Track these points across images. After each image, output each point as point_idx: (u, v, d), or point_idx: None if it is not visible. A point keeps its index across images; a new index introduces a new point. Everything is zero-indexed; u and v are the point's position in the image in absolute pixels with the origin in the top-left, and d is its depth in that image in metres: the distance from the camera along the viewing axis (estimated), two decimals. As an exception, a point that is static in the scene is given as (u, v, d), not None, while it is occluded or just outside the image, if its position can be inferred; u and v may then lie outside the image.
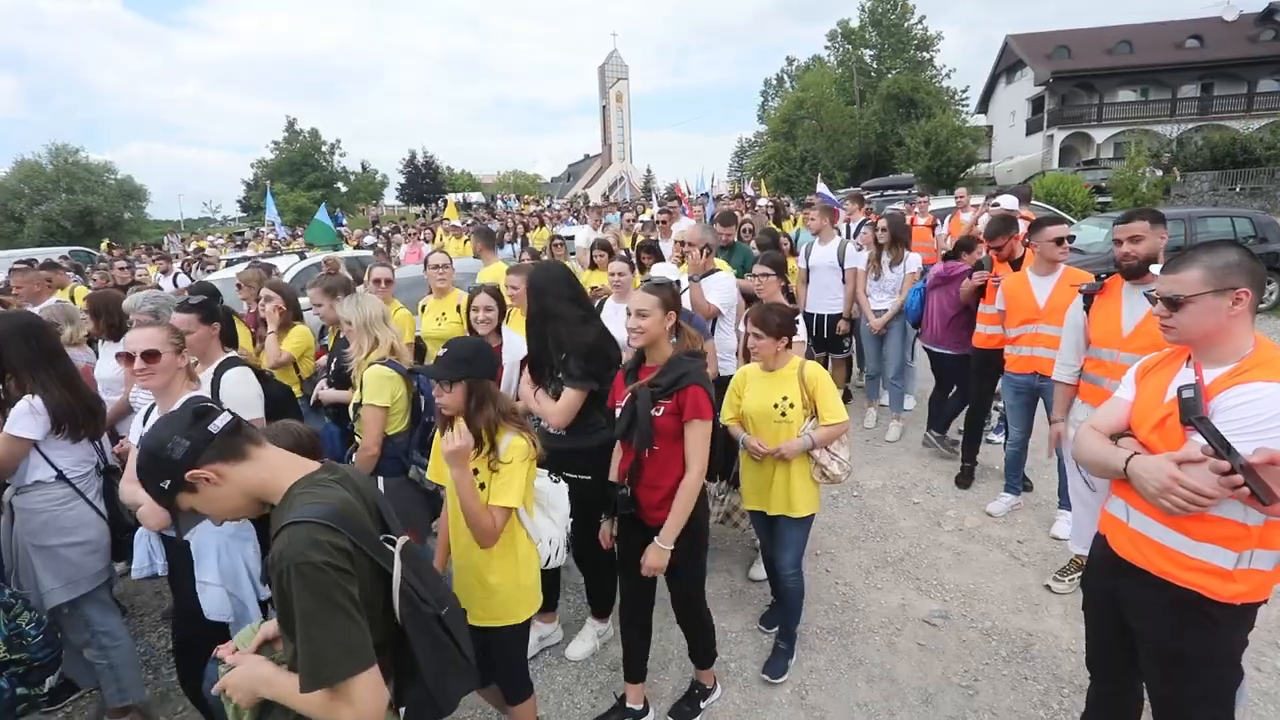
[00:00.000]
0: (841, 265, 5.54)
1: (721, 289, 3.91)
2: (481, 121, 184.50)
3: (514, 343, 3.31)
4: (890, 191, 18.85)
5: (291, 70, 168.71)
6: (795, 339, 3.28)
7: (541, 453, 2.18)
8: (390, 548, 1.36)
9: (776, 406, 2.75)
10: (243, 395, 2.59)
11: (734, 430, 2.92)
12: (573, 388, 2.73)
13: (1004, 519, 4.09)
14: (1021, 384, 3.90)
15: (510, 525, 2.12)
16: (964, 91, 38.06)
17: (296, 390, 3.82)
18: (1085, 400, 3.05)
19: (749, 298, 4.32)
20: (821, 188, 10.83)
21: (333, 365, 3.46)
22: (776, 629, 3.04)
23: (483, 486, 2.06)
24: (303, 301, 4.43)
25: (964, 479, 4.61)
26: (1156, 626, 1.70)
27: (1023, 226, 5.64)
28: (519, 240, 12.38)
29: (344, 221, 28.43)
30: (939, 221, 8.80)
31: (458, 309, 4.32)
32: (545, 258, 6.58)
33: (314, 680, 1.17)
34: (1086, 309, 3.03)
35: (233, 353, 2.90)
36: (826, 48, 41.52)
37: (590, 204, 27.24)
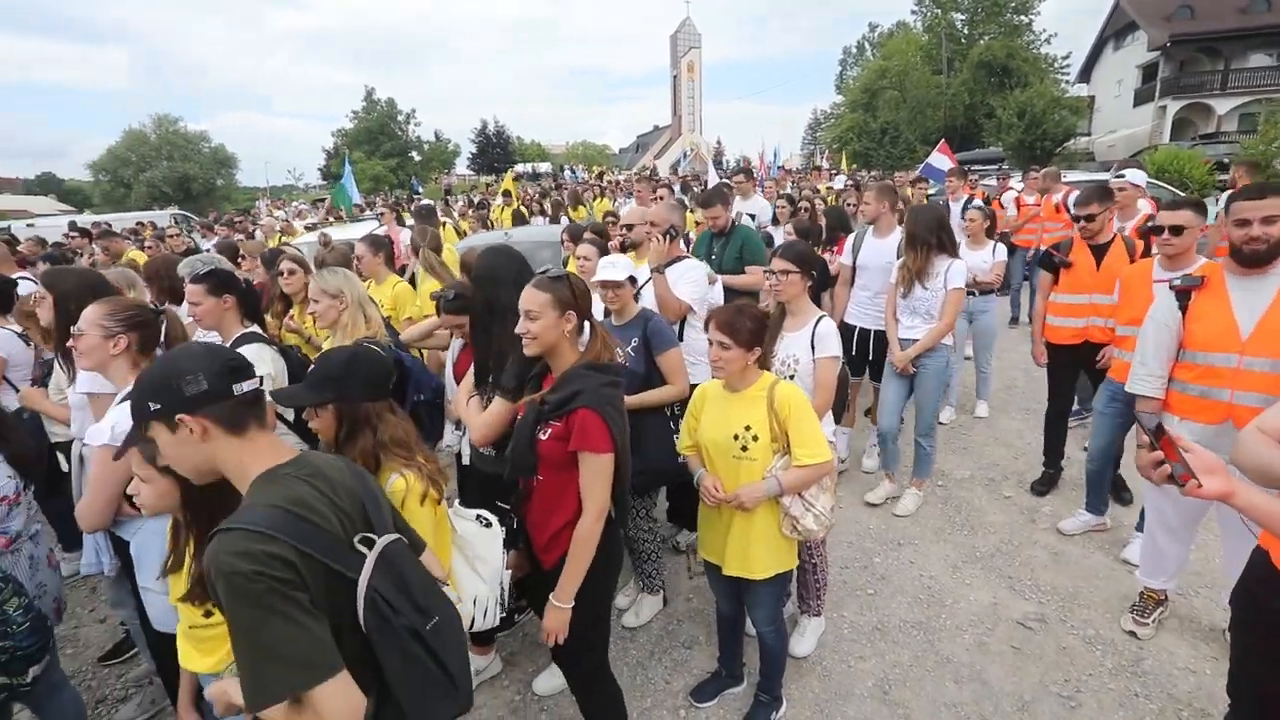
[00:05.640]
0: None
1: (692, 280, 3.32)
2: (553, 90, 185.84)
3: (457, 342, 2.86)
4: (978, 167, 17.65)
5: (371, 40, 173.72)
6: (829, 355, 2.79)
7: (444, 492, 1.82)
8: (365, 550, 1.20)
9: (736, 438, 2.16)
10: None
11: (691, 465, 2.37)
12: (502, 399, 2.27)
13: (1108, 520, 3.74)
14: (1118, 390, 3.35)
15: None
16: (1065, 58, 35.18)
17: None
18: (1187, 416, 2.60)
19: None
20: (935, 157, 8.77)
21: None
22: (757, 682, 2.58)
23: None
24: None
25: (1042, 485, 4.17)
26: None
27: (1146, 207, 5.08)
28: (561, 212, 11.23)
29: (420, 190, 29.26)
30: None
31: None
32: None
33: (256, 699, 1.04)
34: (1183, 307, 2.58)
35: (252, 327, 2.80)
36: (913, 12, 39.08)
37: (654, 175, 26.02)
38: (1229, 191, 3.43)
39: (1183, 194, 9.69)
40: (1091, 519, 3.71)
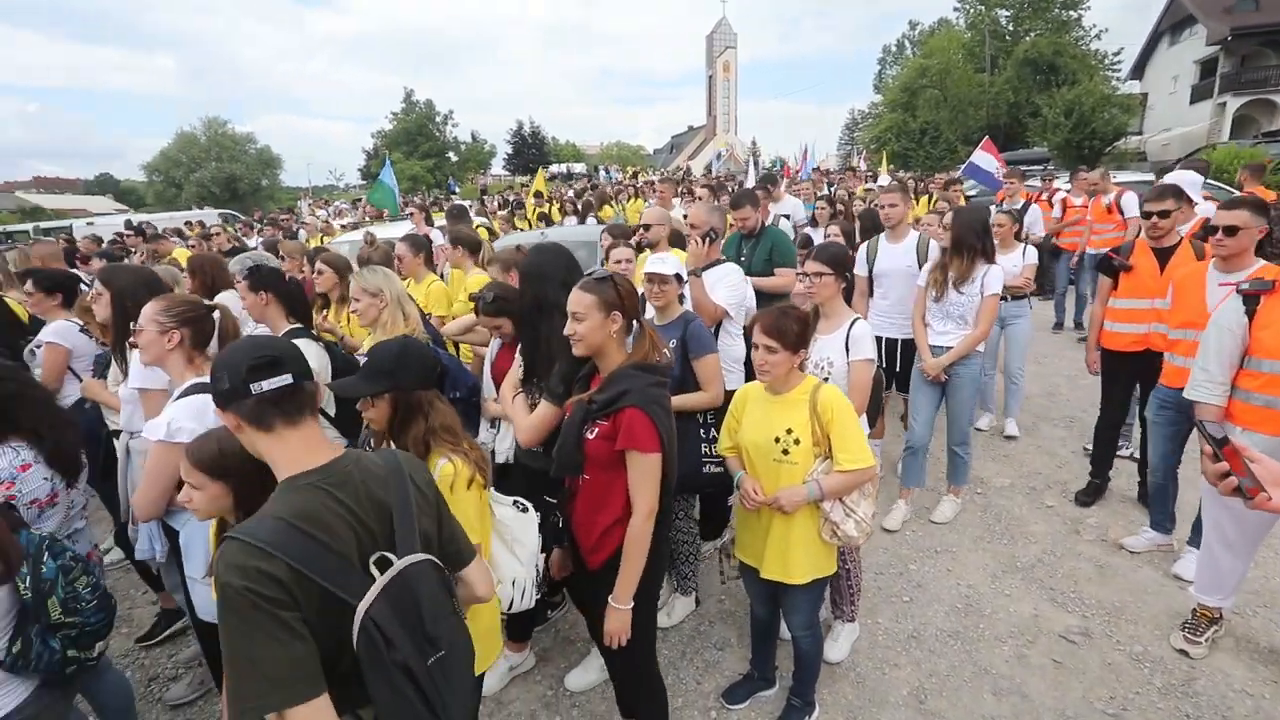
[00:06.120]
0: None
1: (729, 284, 3.23)
2: (588, 91, 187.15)
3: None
4: (1022, 168, 17.05)
5: (409, 44, 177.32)
6: (863, 358, 2.77)
7: (487, 476, 1.88)
8: (376, 573, 1.18)
9: (778, 441, 2.15)
10: None
11: (731, 466, 2.37)
12: (548, 402, 2.26)
13: (1175, 540, 3.54)
14: (1169, 397, 3.24)
15: None
16: (1116, 54, 33.89)
17: None
18: (1250, 427, 2.50)
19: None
20: (979, 155, 8.30)
21: None
22: (790, 687, 2.57)
23: None
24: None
25: (1088, 495, 4.01)
26: None
27: (1208, 210, 4.81)
28: (589, 212, 10.89)
29: (456, 189, 29.76)
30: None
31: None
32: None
33: (234, 708, 1.06)
34: (1250, 312, 2.47)
35: (298, 324, 2.88)
36: (956, 9, 38.14)
37: (688, 175, 25.57)
38: (1239, 195, 3.26)
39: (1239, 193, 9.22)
40: (1157, 537, 3.51)
